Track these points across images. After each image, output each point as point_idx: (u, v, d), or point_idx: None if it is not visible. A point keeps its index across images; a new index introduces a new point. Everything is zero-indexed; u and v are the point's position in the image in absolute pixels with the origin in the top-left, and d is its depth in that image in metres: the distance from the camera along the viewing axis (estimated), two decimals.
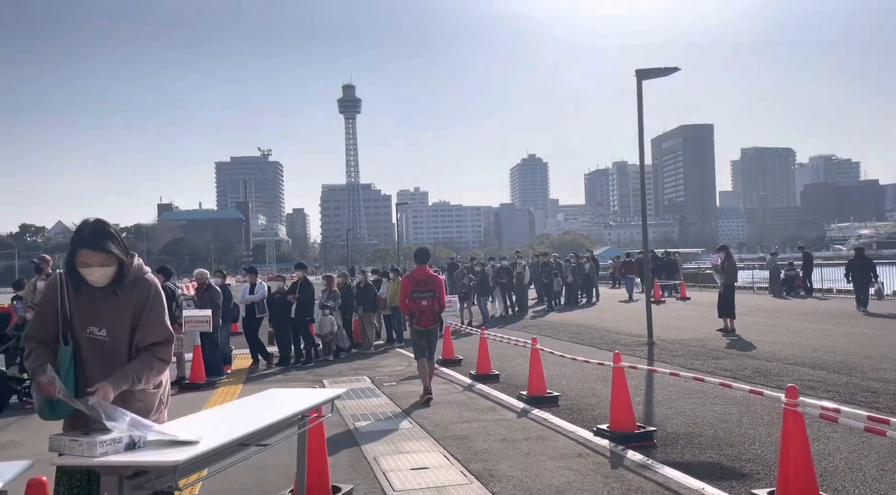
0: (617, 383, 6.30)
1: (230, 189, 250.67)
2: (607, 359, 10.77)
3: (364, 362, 12.82)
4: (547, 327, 17.11)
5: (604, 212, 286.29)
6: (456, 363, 11.80)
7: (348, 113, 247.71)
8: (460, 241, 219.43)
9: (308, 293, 12.81)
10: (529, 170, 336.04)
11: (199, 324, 10.23)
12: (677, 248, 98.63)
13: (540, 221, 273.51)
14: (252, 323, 12.93)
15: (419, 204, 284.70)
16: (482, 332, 10.22)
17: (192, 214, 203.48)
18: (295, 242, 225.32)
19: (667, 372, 6.85)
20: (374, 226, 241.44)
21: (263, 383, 10.68)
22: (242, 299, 12.91)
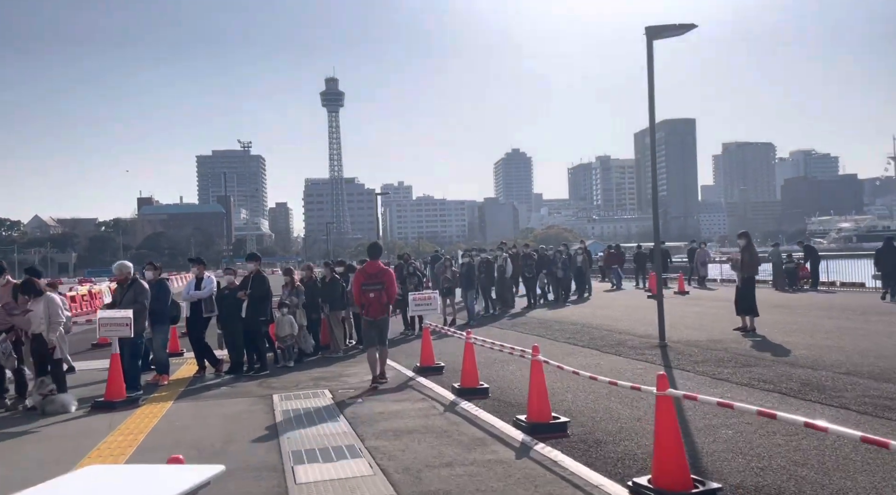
0: (664, 422, 4.39)
1: (212, 183, 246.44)
2: (621, 368, 9.00)
3: (329, 369, 10.88)
4: (539, 326, 15.27)
5: (587, 206, 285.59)
6: (436, 371, 9.91)
7: (331, 106, 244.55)
8: (444, 235, 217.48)
9: (262, 289, 10.84)
10: (513, 164, 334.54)
11: (115, 328, 8.22)
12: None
13: (524, 215, 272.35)
14: (198, 323, 10.95)
15: (403, 198, 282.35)
16: (467, 336, 8.33)
17: (172, 208, 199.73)
18: (278, 236, 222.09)
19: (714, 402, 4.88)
20: (357, 220, 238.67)
21: (200, 398, 8.72)
22: (186, 296, 10.93)
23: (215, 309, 11.06)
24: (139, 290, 8.94)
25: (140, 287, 9.01)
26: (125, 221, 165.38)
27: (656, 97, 11.58)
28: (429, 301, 10.20)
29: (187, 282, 11.53)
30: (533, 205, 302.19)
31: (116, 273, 9.14)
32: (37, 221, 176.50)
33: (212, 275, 11.46)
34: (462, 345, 8.55)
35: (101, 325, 8.23)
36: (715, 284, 26.49)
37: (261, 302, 10.84)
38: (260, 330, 10.98)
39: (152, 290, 9.74)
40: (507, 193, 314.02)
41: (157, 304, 9.72)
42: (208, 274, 11.29)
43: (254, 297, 10.72)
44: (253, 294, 10.71)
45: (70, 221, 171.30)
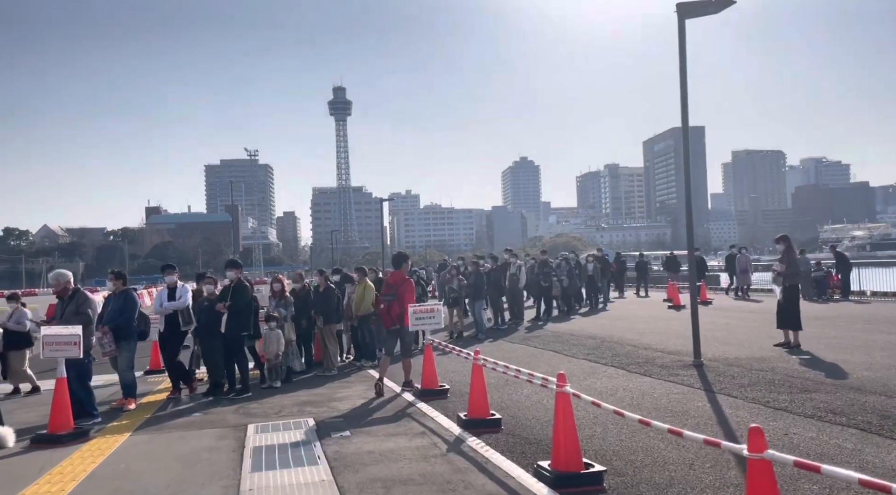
0: None
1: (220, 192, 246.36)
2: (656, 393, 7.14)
3: (318, 391, 9.60)
4: (554, 340, 13.94)
5: (596, 214, 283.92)
6: (440, 395, 8.62)
7: (339, 115, 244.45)
8: (452, 244, 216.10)
9: (243, 300, 9.60)
10: (521, 172, 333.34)
11: (62, 348, 6.97)
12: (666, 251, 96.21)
13: (532, 224, 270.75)
14: (172, 338, 9.70)
15: (411, 206, 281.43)
16: (475, 357, 7.03)
17: (180, 217, 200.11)
18: (285, 245, 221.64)
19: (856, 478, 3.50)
20: (365, 229, 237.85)
21: (163, 429, 7.45)
22: (159, 308, 9.71)
23: (194, 321, 9.83)
24: (81, 301, 7.75)
25: (82, 297, 7.83)
26: (133, 230, 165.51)
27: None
28: (431, 314, 8.91)
29: (157, 293, 10.28)
30: (541, 214, 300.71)
31: (53, 283, 7.94)
32: (45, 231, 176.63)
33: (187, 284, 10.22)
34: (469, 364, 7.27)
35: (46, 345, 6.98)
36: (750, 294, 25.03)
37: (242, 314, 9.61)
38: (241, 346, 9.73)
39: (117, 302, 8.63)
40: (515, 202, 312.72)
41: (123, 318, 8.61)
42: (183, 283, 10.05)
43: (234, 310, 9.49)
44: (233, 306, 9.48)
45: (78, 230, 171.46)
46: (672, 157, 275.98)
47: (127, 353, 8.64)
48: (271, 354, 10.24)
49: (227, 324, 9.49)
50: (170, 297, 9.65)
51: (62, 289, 7.91)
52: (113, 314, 8.54)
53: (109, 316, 8.56)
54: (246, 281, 11.31)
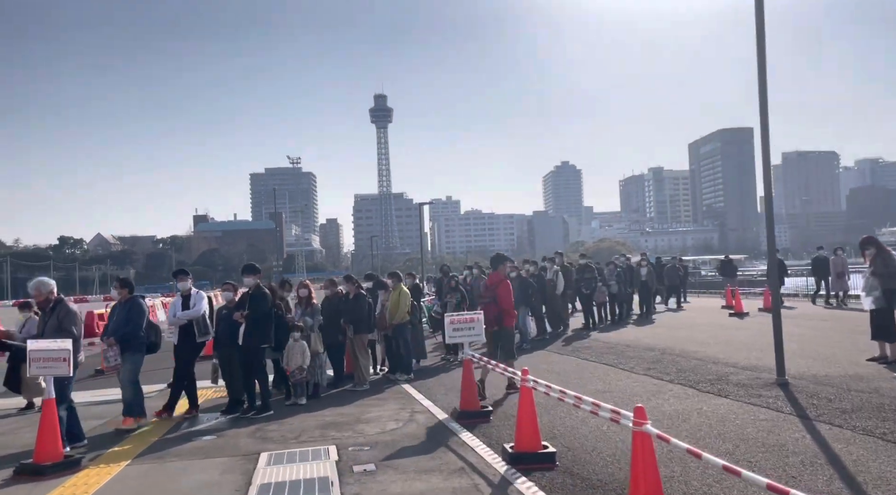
0: None
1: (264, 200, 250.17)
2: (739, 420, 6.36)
3: (346, 410, 8.60)
4: (606, 351, 12.67)
5: (640, 218, 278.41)
6: (481, 417, 7.51)
7: (380, 122, 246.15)
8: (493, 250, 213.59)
9: (262, 309, 8.67)
10: (563, 177, 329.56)
11: (50, 365, 6.11)
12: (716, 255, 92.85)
13: (574, 229, 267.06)
14: (187, 350, 8.83)
15: (451, 212, 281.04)
16: (523, 377, 5.90)
17: (226, 225, 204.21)
18: (328, 252, 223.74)
19: None
20: (406, 234, 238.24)
21: (166, 457, 6.53)
22: (173, 319, 8.85)
23: (210, 331, 8.95)
24: (63, 315, 6.85)
25: (64, 310, 6.90)
26: (181, 238, 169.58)
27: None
28: (471, 324, 7.82)
29: (171, 302, 9.43)
30: (583, 219, 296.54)
31: (33, 293, 7.06)
32: (99, 239, 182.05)
33: (202, 291, 9.33)
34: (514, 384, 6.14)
35: (33, 361, 6.14)
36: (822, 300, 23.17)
37: (261, 324, 8.68)
38: (261, 359, 8.81)
39: (122, 311, 7.84)
40: (556, 206, 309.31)
41: (128, 328, 7.80)
42: (197, 289, 9.16)
43: (252, 319, 8.57)
44: (251, 315, 8.57)
45: (130, 239, 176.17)
46: (719, 160, 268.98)
47: (130, 366, 7.81)
48: (294, 367, 9.29)
49: (245, 335, 8.60)
50: (184, 306, 8.80)
51: (43, 299, 7.06)
52: (118, 324, 7.79)
53: (114, 326, 7.82)
54: (267, 288, 10.46)
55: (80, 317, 7.04)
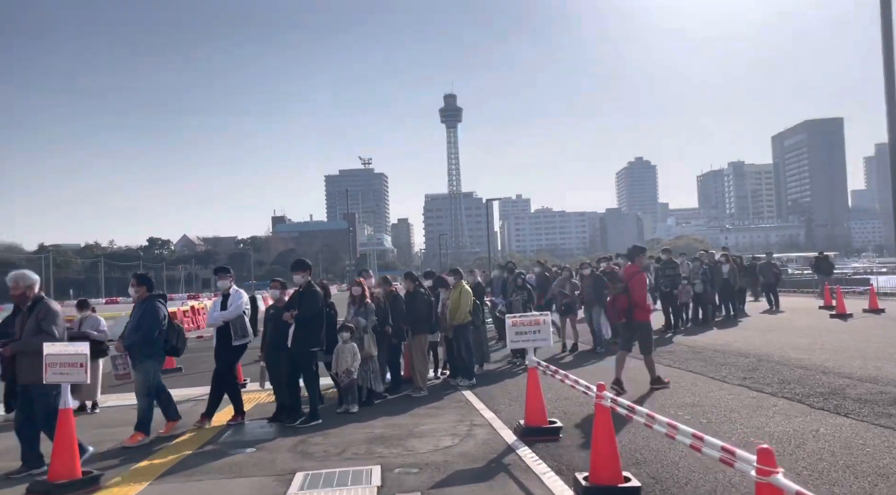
0: None
1: (338, 201, 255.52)
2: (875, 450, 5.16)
3: (398, 421, 7.76)
4: (692, 357, 11.36)
5: (719, 214, 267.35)
6: (549, 435, 6.50)
7: (450, 122, 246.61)
8: (564, 248, 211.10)
9: (312, 309, 7.95)
10: (637, 173, 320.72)
11: (67, 371, 5.53)
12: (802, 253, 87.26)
13: (649, 226, 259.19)
14: (226, 353, 8.23)
15: (521, 211, 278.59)
16: (598, 394, 4.87)
17: (302, 226, 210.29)
18: (400, 251, 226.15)
19: None
20: (476, 233, 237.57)
21: (196, 473, 5.86)
22: (212, 320, 8.29)
23: (250, 333, 8.31)
24: (43, 315, 6.00)
25: (44, 310, 6.04)
26: (260, 239, 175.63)
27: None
28: (536, 327, 6.81)
29: (213, 302, 8.86)
30: (659, 216, 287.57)
31: (10, 285, 6.09)
32: (185, 240, 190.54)
33: (242, 290, 8.68)
34: (588, 400, 5.12)
35: (49, 365, 5.57)
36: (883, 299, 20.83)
37: (312, 326, 7.96)
38: (310, 363, 8.09)
39: (136, 313, 7.19)
40: (630, 203, 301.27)
41: (139, 333, 7.13)
42: (237, 288, 8.48)
43: (302, 320, 7.87)
44: (300, 316, 7.86)
45: (213, 240, 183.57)
46: (805, 152, 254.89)
47: (142, 375, 7.14)
48: (342, 371, 8.54)
49: (294, 337, 7.90)
50: (223, 306, 8.19)
51: (20, 294, 6.11)
52: (131, 329, 7.13)
53: (127, 331, 7.18)
54: (319, 286, 9.78)
55: (62, 317, 6.28)
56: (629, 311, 8.62)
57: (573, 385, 5.87)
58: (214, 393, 8.05)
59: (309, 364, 8.07)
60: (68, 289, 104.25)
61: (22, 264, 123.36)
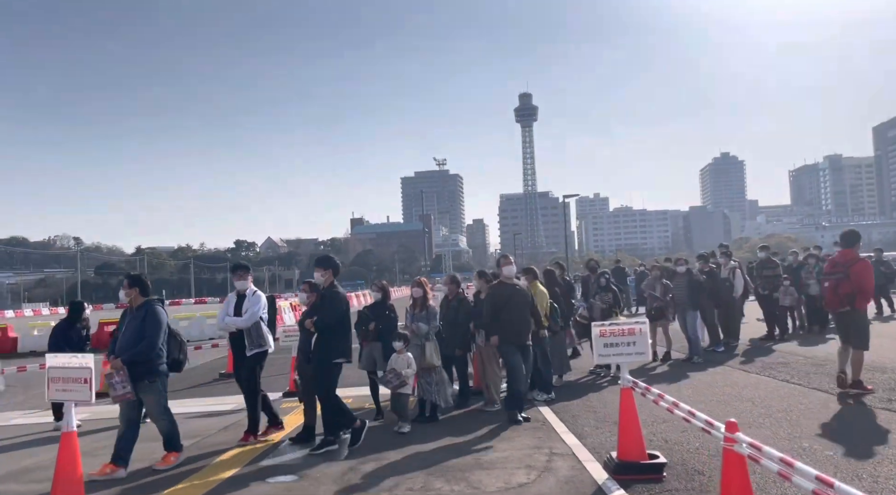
0: None
1: (414, 202, 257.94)
2: None
3: (463, 445, 6.63)
4: (814, 371, 9.67)
5: (814, 211, 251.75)
6: (649, 473, 5.20)
7: (525, 121, 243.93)
8: (645, 248, 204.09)
9: (334, 314, 6.78)
10: (723, 169, 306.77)
11: (71, 388, 4.74)
12: None
13: (737, 224, 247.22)
14: (241, 364, 7.28)
15: (599, 210, 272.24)
16: (727, 435, 3.57)
17: (380, 227, 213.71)
18: (475, 252, 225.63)
19: None
20: (551, 233, 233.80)
21: None
22: (222, 324, 7.33)
23: (268, 342, 7.30)
24: None
25: None
26: (340, 240, 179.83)
27: None
28: (631, 338, 5.52)
29: (225, 302, 7.83)
30: (747, 213, 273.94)
31: None
32: (269, 242, 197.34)
33: (260, 292, 7.50)
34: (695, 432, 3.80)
35: (52, 381, 4.79)
36: None
37: (335, 334, 6.80)
38: (328, 378, 6.82)
39: (134, 322, 6.08)
40: (715, 201, 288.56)
41: (142, 346, 6.02)
42: (255, 289, 7.42)
43: (322, 327, 6.75)
44: (320, 322, 6.76)
45: (294, 241, 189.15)
46: None
47: (154, 395, 6.14)
48: (388, 374, 7.47)
49: (315, 346, 6.83)
50: (238, 308, 7.18)
51: None
52: (129, 340, 5.99)
53: (123, 342, 6.03)
54: (378, 287, 8.79)
55: None
56: (852, 298, 7.98)
57: (687, 418, 4.51)
58: (249, 406, 7.19)
59: (327, 377, 6.79)
60: (161, 289, 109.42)
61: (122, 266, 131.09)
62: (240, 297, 7.28)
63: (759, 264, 14.01)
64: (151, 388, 6.05)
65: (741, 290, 13.25)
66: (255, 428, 7.25)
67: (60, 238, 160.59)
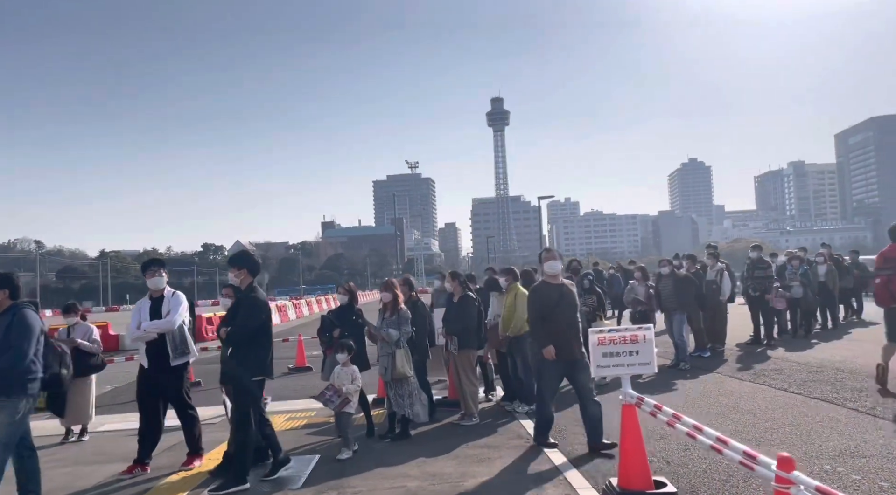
0: None
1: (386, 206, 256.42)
2: None
3: (438, 467, 5.82)
4: (810, 378, 9.08)
5: (779, 216, 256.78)
6: None
7: (497, 126, 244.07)
8: (615, 252, 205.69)
9: (248, 323, 5.67)
10: (690, 174, 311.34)
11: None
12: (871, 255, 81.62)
13: (704, 229, 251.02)
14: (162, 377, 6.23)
15: (570, 214, 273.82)
16: (781, 472, 2.84)
17: (351, 231, 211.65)
18: (447, 255, 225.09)
19: None
20: (524, 237, 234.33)
21: None
22: (135, 332, 6.23)
23: (191, 349, 6.33)
24: None
25: None
26: (310, 244, 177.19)
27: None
28: (634, 346, 4.80)
29: (135, 307, 6.48)
30: (714, 218, 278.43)
31: None
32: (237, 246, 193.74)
33: (180, 293, 6.41)
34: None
35: None
36: None
37: (250, 348, 5.65)
38: (248, 399, 5.65)
39: None
40: (683, 206, 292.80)
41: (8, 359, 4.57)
42: (173, 290, 6.37)
43: (235, 339, 5.70)
44: (233, 332, 5.71)
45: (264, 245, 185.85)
46: (872, 151, 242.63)
47: (5, 419, 4.58)
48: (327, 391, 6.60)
49: (229, 362, 5.75)
50: (153, 313, 6.20)
51: None
52: None
53: None
54: (345, 290, 7.99)
55: None
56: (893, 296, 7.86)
57: (719, 448, 3.71)
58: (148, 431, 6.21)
59: (247, 399, 5.61)
60: (126, 293, 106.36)
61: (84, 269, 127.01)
62: (154, 300, 6.26)
63: (751, 264, 13.45)
64: (6, 408, 4.59)
65: (728, 293, 12.69)
66: (197, 447, 6.33)
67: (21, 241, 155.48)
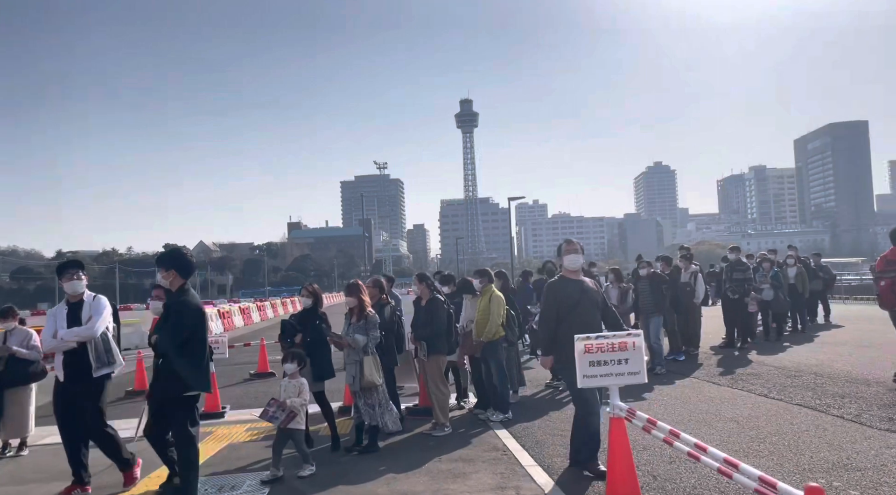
0: None
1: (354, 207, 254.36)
2: None
3: (409, 486, 5.37)
4: (790, 383, 8.87)
5: (741, 220, 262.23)
6: None
7: (466, 127, 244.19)
8: None
9: (179, 330, 5.03)
10: (656, 178, 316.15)
11: None
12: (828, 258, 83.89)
13: (668, 231, 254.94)
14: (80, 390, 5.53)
15: (538, 216, 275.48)
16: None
17: (318, 232, 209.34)
18: (416, 257, 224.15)
19: None
20: (492, 239, 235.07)
21: None
22: (51, 342, 5.55)
23: (116, 359, 5.68)
24: None
25: None
26: (276, 245, 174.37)
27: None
28: (623, 354, 4.42)
29: (50, 312, 5.88)
30: (678, 221, 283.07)
31: None
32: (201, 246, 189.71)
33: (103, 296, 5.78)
34: None
35: None
36: None
37: (182, 357, 5.00)
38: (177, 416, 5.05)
39: None
40: (649, 209, 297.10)
41: None
42: (94, 294, 5.75)
43: (163, 349, 5.08)
44: (162, 340, 5.10)
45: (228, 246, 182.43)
46: (830, 156, 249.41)
47: None
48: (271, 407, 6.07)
49: (159, 374, 5.12)
50: (72, 320, 5.57)
51: None
52: None
53: None
54: (309, 291, 7.51)
55: None
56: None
57: (728, 472, 3.33)
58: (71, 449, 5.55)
59: (180, 414, 5.01)
60: None
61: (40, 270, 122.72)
62: (72, 306, 5.62)
63: (729, 266, 13.28)
64: None
65: (702, 295, 12.50)
66: (124, 461, 5.71)
67: None
